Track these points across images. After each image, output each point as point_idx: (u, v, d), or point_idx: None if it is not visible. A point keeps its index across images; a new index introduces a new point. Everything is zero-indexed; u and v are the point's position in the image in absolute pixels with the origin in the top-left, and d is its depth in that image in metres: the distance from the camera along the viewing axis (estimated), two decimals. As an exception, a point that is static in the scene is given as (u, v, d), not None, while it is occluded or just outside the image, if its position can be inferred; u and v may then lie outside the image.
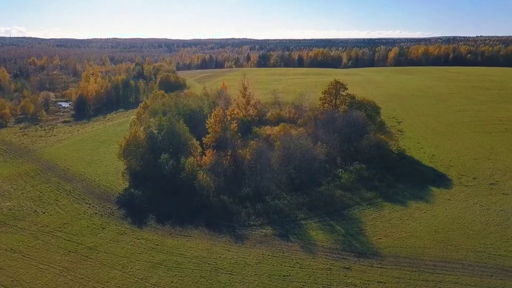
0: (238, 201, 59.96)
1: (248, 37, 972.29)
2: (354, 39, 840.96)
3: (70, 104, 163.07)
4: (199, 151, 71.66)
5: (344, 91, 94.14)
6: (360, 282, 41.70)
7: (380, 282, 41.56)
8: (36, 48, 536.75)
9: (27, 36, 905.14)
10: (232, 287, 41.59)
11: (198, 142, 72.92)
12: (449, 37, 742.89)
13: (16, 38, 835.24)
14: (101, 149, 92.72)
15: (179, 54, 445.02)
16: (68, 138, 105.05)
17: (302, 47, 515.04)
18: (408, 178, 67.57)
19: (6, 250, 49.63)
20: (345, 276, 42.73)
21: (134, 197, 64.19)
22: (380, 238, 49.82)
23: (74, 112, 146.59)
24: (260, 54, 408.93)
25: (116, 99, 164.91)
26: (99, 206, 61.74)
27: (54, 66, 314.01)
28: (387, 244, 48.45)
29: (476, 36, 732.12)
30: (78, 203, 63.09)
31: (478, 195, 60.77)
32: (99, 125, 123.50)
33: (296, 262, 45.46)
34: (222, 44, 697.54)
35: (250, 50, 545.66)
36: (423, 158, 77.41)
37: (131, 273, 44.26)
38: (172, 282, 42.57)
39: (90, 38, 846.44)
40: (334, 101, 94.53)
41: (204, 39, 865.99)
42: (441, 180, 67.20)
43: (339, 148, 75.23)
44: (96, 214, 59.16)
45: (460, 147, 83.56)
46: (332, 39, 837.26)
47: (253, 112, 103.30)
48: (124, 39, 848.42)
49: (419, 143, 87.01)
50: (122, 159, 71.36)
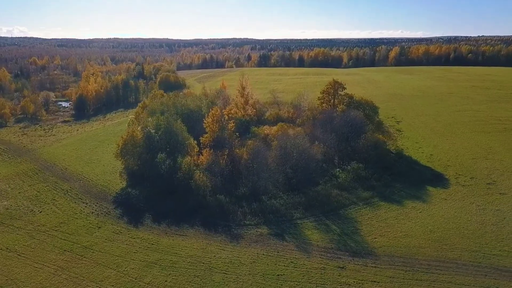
0: (235, 200, 59.99)
1: (249, 37, 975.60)
2: (355, 39, 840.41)
3: (70, 104, 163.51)
4: (196, 150, 71.65)
5: (342, 90, 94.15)
6: (354, 282, 41.65)
7: (374, 282, 41.50)
8: (38, 48, 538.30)
9: (28, 36, 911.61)
10: (226, 286, 41.61)
11: (196, 142, 72.95)
12: (450, 37, 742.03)
13: (18, 38, 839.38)
14: (99, 148, 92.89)
15: (180, 54, 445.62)
16: (67, 138, 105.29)
17: (303, 47, 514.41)
18: (405, 178, 67.55)
19: (1, 249, 49.79)
20: (339, 276, 42.69)
21: (131, 196, 64.29)
22: (376, 238, 49.77)
23: (74, 112, 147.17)
24: (261, 54, 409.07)
25: (116, 99, 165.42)
26: (95, 205, 61.85)
27: (55, 66, 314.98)
28: (382, 243, 48.41)
29: (477, 36, 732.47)
30: (75, 202, 63.22)
31: (475, 195, 60.67)
32: (98, 124, 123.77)
33: (291, 262, 45.44)
34: (223, 44, 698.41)
35: (251, 50, 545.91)
36: (421, 158, 77.31)
37: (125, 272, 44.33)
38: (166, 281, 42.62)
39: (91, 38, 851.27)
40: (332, 100, 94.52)
41: (205, 39, 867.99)
42: (438, 179, 67.12)
43: (337, 148, 75.25)
44: (92, 213, 59.26)
45: (458, 146, 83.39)
46: (333, 39, 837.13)
47: (251, 112, 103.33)
48: (125, 39, 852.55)
49: (417, 143, 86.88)
50: (119, 158, 71.45)
